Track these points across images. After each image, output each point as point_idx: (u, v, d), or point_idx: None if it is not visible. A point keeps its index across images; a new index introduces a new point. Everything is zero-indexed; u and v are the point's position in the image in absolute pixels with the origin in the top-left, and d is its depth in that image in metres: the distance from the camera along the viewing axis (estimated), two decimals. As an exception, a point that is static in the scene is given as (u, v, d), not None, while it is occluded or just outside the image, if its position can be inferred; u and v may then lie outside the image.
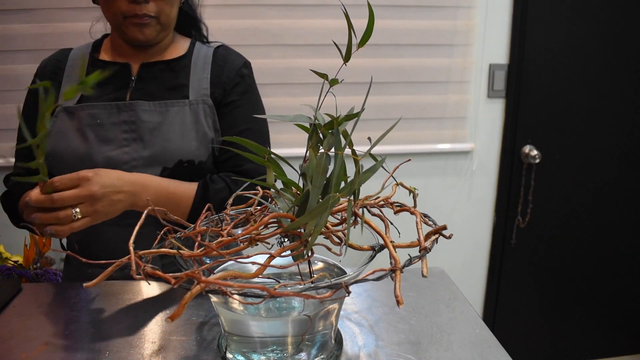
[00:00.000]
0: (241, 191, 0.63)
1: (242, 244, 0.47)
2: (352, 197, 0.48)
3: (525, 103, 1.65)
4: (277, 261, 0.45)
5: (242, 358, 0.52)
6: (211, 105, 0.89)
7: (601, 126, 1.72)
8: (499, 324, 1.89)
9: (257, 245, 0.48)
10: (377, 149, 1.66)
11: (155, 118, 0.85)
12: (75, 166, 0.82)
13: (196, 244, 0.51)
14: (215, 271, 0.54)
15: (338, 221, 0.52)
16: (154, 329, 0.61)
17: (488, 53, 1.61)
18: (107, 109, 0.84)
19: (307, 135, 0.50)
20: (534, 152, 1.66)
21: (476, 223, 1.77)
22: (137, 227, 0.50)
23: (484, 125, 1.67)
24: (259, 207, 0.57)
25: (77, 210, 0.65)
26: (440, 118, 1.64)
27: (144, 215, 0.53)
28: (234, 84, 0.91)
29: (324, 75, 0.50)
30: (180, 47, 0.94)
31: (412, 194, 0.59)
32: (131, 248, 0.44)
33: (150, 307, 0.67)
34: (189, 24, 0.98)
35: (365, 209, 0.55)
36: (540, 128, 1.69)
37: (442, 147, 1.66)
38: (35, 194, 0.63)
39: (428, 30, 1.55)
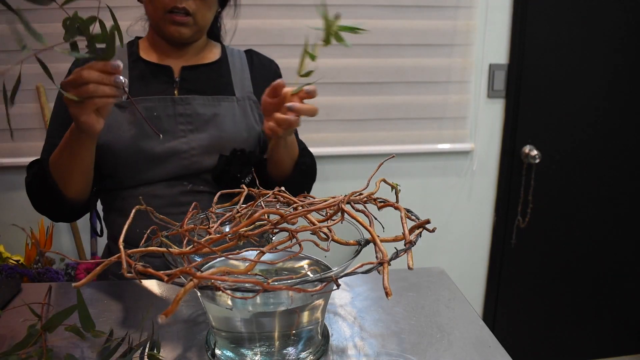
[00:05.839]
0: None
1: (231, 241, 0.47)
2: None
3: (525, 103, 1.65)
4: (264, 257, 0.46)
5: (230, 353, 0.53)
6: (256, 101, 0.95)
7: (601, 126, 1.72)
8: (499, 324, 1.89)
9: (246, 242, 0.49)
10: (377, 149, 1.67)
11: (210, 110, 0.90)
12: (130, 157, 0.86)
13: (184, 241, 0.51)
14: (202, 269, 0.54)
15: (324, 217, 0.53)
16: (146, 326, 0.61)
17: (488, 53, 1.61)
18: (162, 102, 0.88)
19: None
20: (534, 152, 1.66)
21: (476, 223, 1.77)
22: (125, 226, 0.50)
23: (484, 125, 1.67)
24: (244, 205, 0.58)
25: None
26: (440, 118, 1.64)
27: (133, 213, 0.53)
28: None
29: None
30: (214, 51, 0.98)
31: (394, 190, 0.60)
32: (121, 247, 0.44)
33: (146, 304, 0.67)
34: (215, 29, 1.02)
35: (350, 205, 0.56)
36: (540, 128, 1.69)
37: (442, 147, 1.66)
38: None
39: (428, 30, 1.55)
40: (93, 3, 0.56)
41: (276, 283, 0.41)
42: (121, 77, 0.65)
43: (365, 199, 0.56)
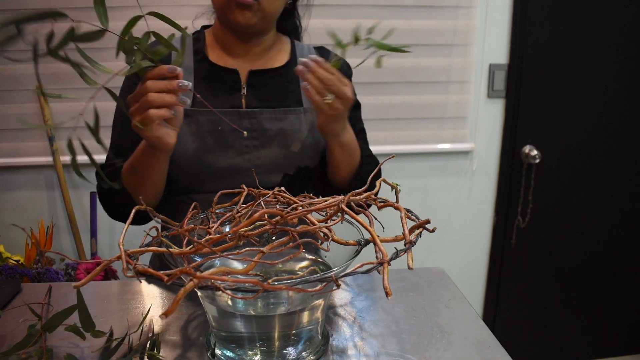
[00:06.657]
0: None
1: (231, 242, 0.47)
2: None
3: (525, 103, 1.66)
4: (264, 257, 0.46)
5: (230, 354, 0.53)
6: None
7: (601, 126, 1.72)
8: (499, 324, 1.89)
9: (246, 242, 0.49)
10: (377, 149, 1.67)
11: (276, 125, 0.85)
12: (191, 170, 0.83)
13: (184, 241, 0.51)
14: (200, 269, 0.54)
15: (324, 217, 0.53)
16: (146, 326, 0.61)
17: (488, 53, 1.61)
18: (228, 116, 0.83)
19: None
20: (534, 152, 1.66)
21: (476, 223, 1.78)
22: (126, 226, 0.50)
23: (484, 125, 1.67)
24: (244, 206, 0.58)
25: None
26: (440, 118, 1.64)
27: (132, 213, 0.53)
28: None
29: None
30: (282, 50, 0.93)
31: (394, 190, 0.60)
32: (121, 247, 0.44)
33: (146, 304, 0.68)
34: (289, 24, 0.97)
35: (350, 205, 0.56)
36: (540, 128, 1.69)
37: (442, 147, 1.66)
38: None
39: (428, 30, 1.55)
40: (69, 3, 0.54)
41: (276, 283, 0.41)
42: (185, 82, 0.62)
43: (365, 199, 0.56)
